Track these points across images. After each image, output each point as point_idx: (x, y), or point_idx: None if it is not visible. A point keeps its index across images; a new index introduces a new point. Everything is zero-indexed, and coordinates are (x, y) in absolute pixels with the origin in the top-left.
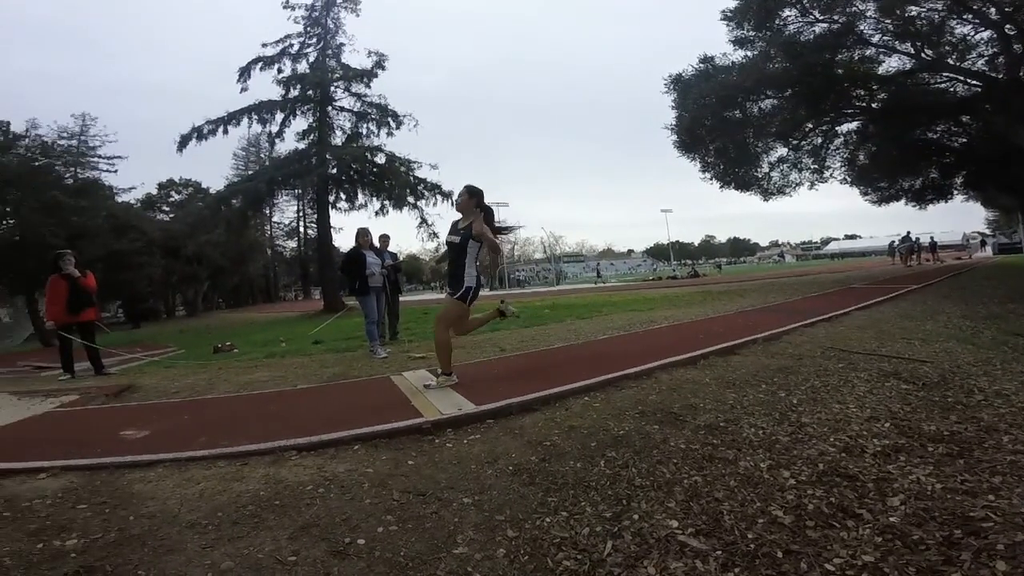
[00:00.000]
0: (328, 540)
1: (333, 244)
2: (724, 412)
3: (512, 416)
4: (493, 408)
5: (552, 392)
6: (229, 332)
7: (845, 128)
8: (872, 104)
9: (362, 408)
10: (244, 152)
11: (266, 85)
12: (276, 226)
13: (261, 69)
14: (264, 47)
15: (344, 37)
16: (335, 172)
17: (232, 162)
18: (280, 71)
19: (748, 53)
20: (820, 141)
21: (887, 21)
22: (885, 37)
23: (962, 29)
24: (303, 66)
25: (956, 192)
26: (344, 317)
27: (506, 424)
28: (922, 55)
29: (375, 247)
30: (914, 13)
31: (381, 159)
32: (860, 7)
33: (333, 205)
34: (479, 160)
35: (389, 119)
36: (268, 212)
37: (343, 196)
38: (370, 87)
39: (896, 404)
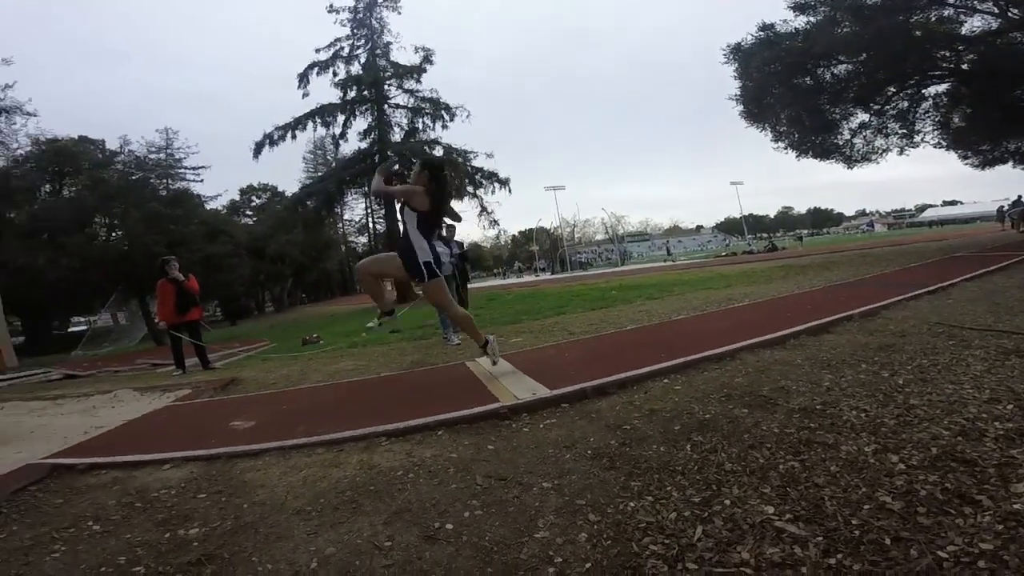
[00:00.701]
0: (419, 525)
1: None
2: (820, 394)
3: (587, 400)
4: (568, 392)
5: (628, 375)
6: (314, 325)
7: (933, 90)
8: (961, 65)
9: (442, 394)
10: (312, 155)
11: (325, 89)
12: (348, 223)
13: (318, 74)
14: (317, 52)
15: (390, 35)
16: (397, 168)
17: (302, 165)
18: (335, 74)
19: (811, 19)
20: (906, 105)
21: None
22: None
23: None
24: (356, 67)
25: None
26: (416, 307)
27: (582, 408)
28: (1008, 14)
29: (443, 236)
30: None
31: (439, 152)
32: None
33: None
34: (532, 145)
35: (442, 112)
36: (339, 211)
37: None
38: (420, 82)
39: (1020, 384)
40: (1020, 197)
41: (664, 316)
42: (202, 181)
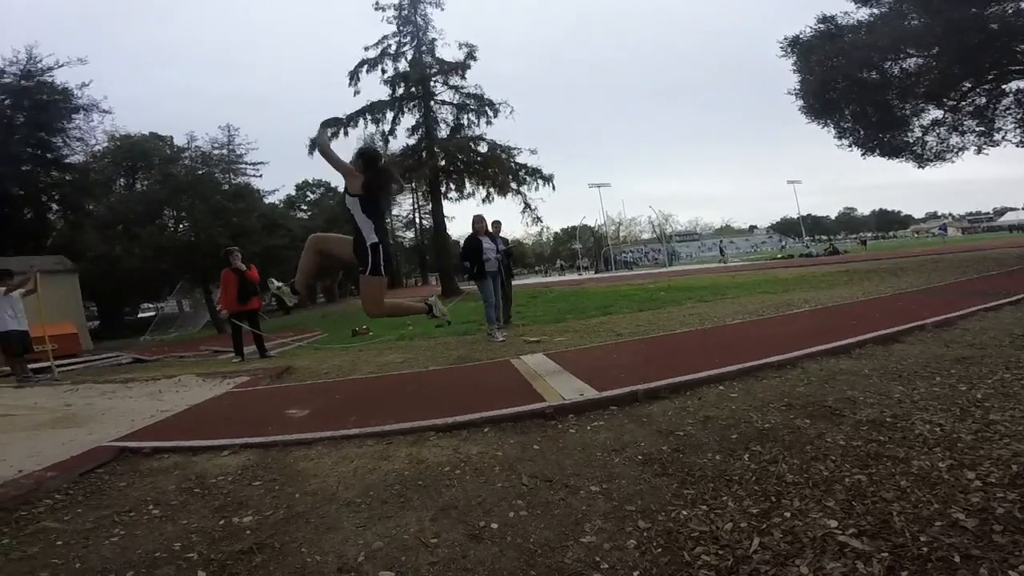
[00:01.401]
0: (465, 523)
1: (447, 233)
2: (890, 407)
3: (638, 403)
4: (617, 394)
5: (681, 380)
6: (362, 316)
7: (1015, 86)
8: None
9: (487, 390)
10: None
11: (374, 86)
12: (396, 218)
13: (367, 71)
14: (366, 50)
15: (434, 32)
16: (443, 164)
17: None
18: (383, 71)
19: (874, 11)
20: (984, 101)
21: None
22: None
23: None
24: (403, 64)
25: None
26: (461, 302)
27: (631, 411)
28: None
29: (490, 232)
30: None
31: (483, 148)
32: None
33: (444, 195)
34: (576, 140)
35: (486, 108)
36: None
37: (452, 186)
38: (465, 78)
39: None
40: None
41: (717, 320)
42: (261, 176)
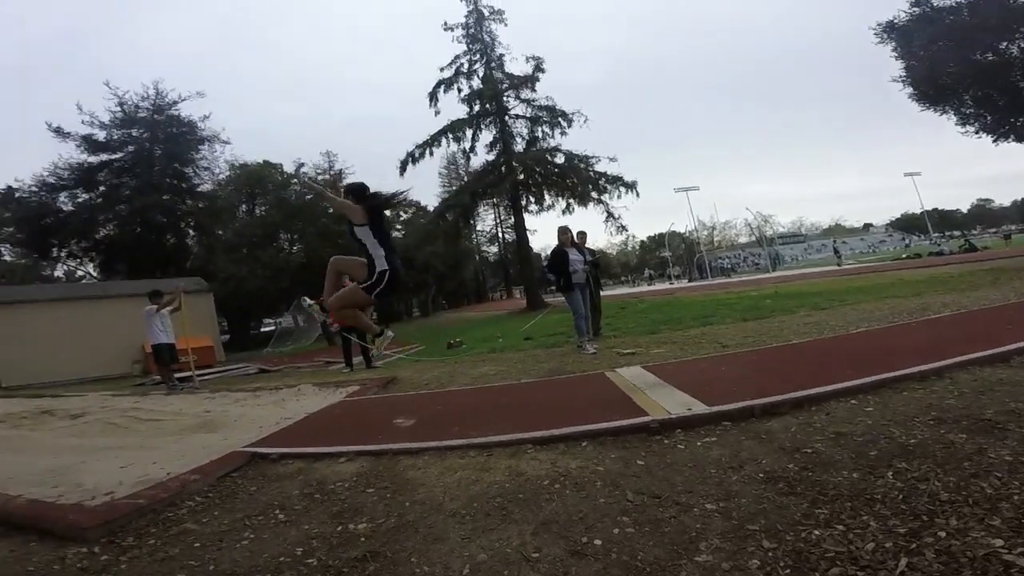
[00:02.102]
0: (566, 538)
1: (529, 245)
2: None
3: (754, 419)
4: (730, 409)
5: (804, 394)
6: (455, 329)
7: None
8: None
9: (584, 404)
10: (446, 170)
11: (453, 105)
12: (479, 234)
13: (444, 91)
14: (441, 71)
15: (501, 47)
16: (522, 177)
17: (438, 180)
18: (459, 90)
19: None
20: None
21: None
22: None
23: None
24: (475, 82)
25: None
26: (548, 314)
27: (747, 428)
28: None
29: (576, 243)
30: None
31: (560, 159)
32: None
33: (525, 208)
34: (658, 144)
35: (559, 119)
36: (473, 222)
37: (532, 199)
38: (535, 91)
39: None
40: None
41: (838, 328)
42: None
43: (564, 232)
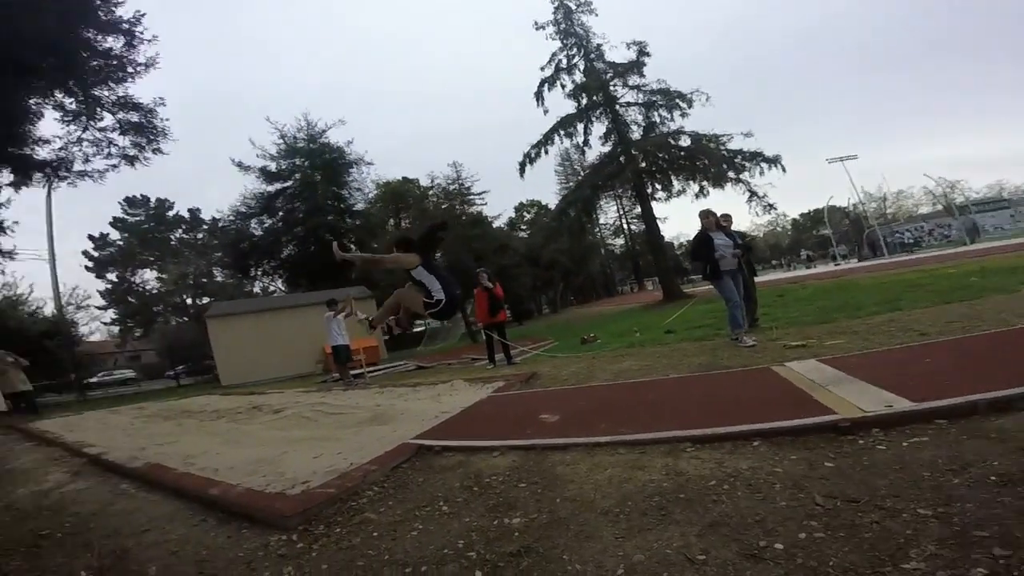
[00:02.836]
0: (739, 541)
1: (660, 234)
2: None
3: (978, 416)
4: (945, 406)
5: None
6: (587, 324)
7: None
8: None
9: (748, 401)
10: (562, 167)
11: (560, 101)
12: (603, 227)
13: (548, 89)
14: (542, 70)
15: (597, 38)
16: (644, 165)
17: (555, 178)
18: (563, 86)
19: None
20: None
21: None
22: None
23: None
24: (578, 76)
25: None
26: (693, 306)
27: (969, 426)
28: None
29: (722, 227)
30: None
31: (686, 141)
32: None
33: (652, 196)
34: (798, 112)
35: (676, 101)
36: (595, 215)
37: (658, 186)
38: (643, 75)
39: None
40: None
41: None
42: (486, 204)
43: (707, 215)
